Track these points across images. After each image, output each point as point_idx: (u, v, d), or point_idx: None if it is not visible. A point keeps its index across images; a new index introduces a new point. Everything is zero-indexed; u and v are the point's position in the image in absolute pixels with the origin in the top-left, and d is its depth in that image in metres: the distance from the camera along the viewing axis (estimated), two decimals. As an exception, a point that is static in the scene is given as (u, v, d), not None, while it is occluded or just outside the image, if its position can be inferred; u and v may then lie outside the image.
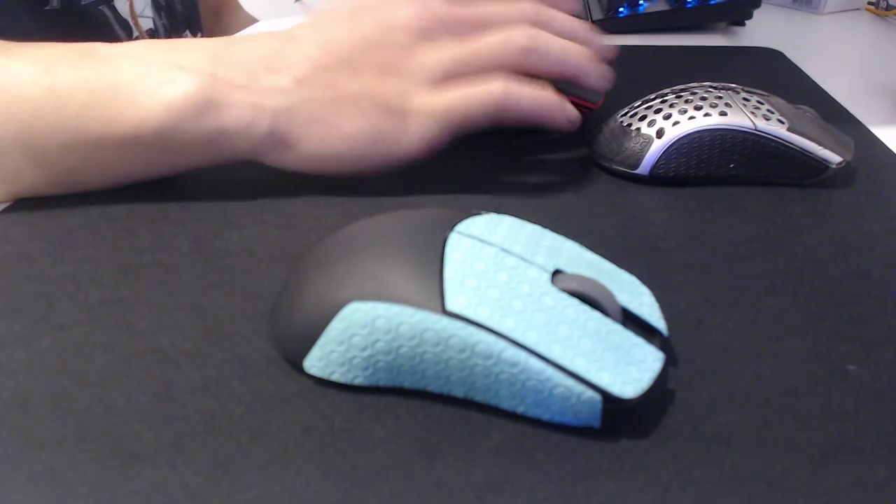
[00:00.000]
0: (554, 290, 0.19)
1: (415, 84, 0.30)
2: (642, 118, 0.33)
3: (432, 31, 0.31)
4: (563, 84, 0.34)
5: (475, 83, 0.30)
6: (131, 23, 0.55)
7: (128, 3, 0.54)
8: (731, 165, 0.32)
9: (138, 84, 0.29)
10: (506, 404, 0.19)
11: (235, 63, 0.30)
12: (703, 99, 0.32)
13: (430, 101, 0.30)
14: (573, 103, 0.34)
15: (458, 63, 0.30)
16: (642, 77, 0.49)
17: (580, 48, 0.32)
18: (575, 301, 0.19)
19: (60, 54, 0.30)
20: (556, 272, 0.20)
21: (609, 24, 0.62)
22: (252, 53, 0.30)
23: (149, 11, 0.57)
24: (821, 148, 0.31)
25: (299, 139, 0.30)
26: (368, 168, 0.31)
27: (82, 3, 0.49)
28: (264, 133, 0.30)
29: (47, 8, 0.47)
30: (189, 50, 0.30)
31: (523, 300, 0.19)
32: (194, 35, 0.64)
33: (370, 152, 0.31)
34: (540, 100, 0.31)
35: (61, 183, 0.31)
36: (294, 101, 0.30)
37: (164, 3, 0.59)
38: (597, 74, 0.33)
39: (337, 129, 0.30)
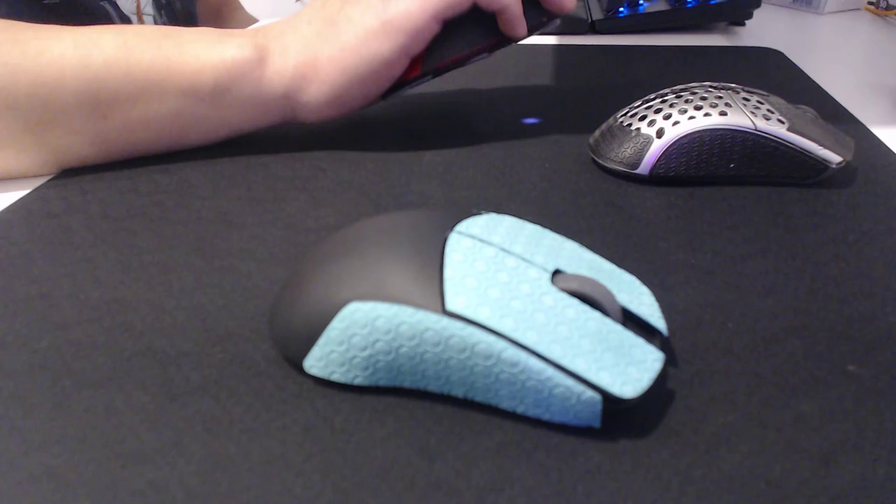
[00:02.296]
0: (554, 290, 0.19)
1: None
2: (642, 118, 0.33)
3: None
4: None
5: None
6: (135, 19, 0.55)
7: (133, 0, 0.54)
8: (731, 165, 0.32)
9: (199, 45, 0.34)
10: (506, 404, 0.19)
11: (270, 29, 0.36)
12: (703, 99, 0.32)
13: None
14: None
15: None
16: (642, 77, 0.49)
17: None
18: (575, 301, 0.19)
19: (127, 25, 0.35)
20: (556, 272, 0.20)
21: (609, 24, 0.62)
22: (281, 22, 0.37)
23: (149, 9, 0.57)
24: (821, 148, 0.31)
25: (314, 66, 0.35)
26: (372, 74, 0.34)
27: None
28: (291, 72, 0.35)
29: (46, 2, 0.47)
30: (238, 31, 0.36)
31: (523, 300, 0.19)
32: None
33: (367, 53, 0.34)
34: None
35: (117, 142, 0.35)
36: (306, 38, 0.35)
37: (164, 1, 0.59)
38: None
39: (336, 43, 0.34)
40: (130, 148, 0.35)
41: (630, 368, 0.19)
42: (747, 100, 0.32)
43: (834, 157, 0.31)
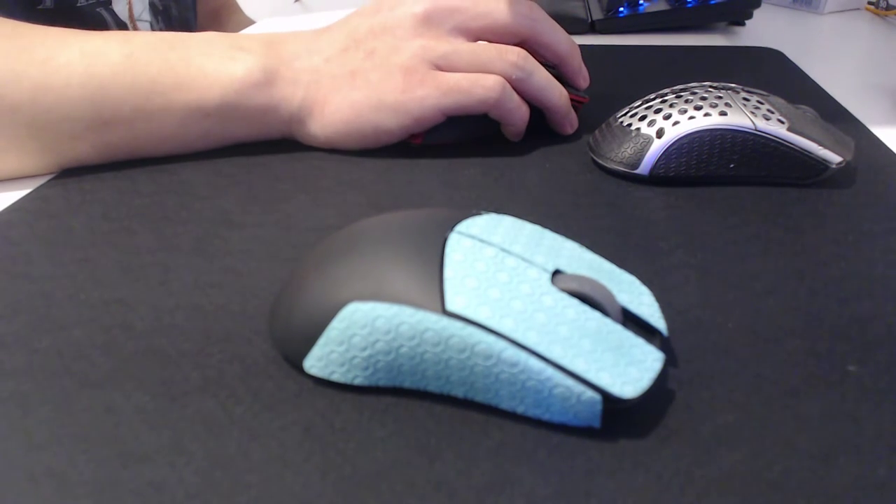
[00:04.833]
0: (554, 290, 0.19)
1: (416, 60, 0.34)
2: (642, 118, 0.33)
3: (439, 20, 0.35)
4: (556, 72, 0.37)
5: (477, 75, 0.34)
6: (129, 26, 0.55)
7: (126, 6, 0.54)
8: (731, 165, 0.32)
9: (207, 59, 0.34)
10: (506, 404, 0.19)
11: (283, 50, 0.35)
12: (703, 99, 0.32)
13: (433, 76, 0.34)
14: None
15: (456, 54, 0.34)
16: (642, 77, 0.49)
17: (560, 89, 0.36)
18: (575, 301, 0.19)
19: (135, 34, 0.35)
20: (556, 272, 0.20)
21: (609, 24, 0.62)
22: (296, 42, 0.36)
23: (146, 15, 0.57)
24: (821, 148, 0.31)
25: (322, 107, 0.35)
26: (372, 135, 0.35)
27: (78, 4, 0.49)
28: (299, 103, 0.35)
29: (40, 7, 0.47)
30: (248, 38, 0.36)
31: (523, 300, 0.19)
32: None
33: (373, 118, 0.35)
34: (521, 110, 0.35)
35: (119, 147, 0.35)
36: (320, 76, 0.35)
37: (160, 7, 0.59)
38: (563, 116, 0.37)
39: (348, 97, 0.35)
40: (132, 154, 0.35)
41: (630, 368, 0.19)
42: (747, 100, 0.32)
43: (834, 157, 0.31)
